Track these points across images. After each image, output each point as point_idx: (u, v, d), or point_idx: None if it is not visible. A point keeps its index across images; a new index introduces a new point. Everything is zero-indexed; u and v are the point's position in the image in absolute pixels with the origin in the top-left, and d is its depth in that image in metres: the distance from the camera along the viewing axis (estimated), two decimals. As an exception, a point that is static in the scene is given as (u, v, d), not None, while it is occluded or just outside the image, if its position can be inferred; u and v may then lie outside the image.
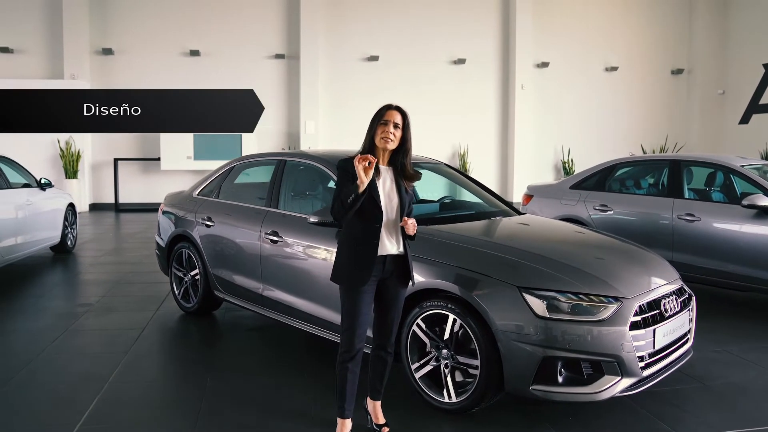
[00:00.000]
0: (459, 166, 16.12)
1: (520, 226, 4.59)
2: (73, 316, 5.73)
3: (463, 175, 5.46)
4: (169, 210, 6.05)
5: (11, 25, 14.40)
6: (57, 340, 5.05)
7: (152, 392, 4.02)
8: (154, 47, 15.08)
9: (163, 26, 15.12)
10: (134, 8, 15.00)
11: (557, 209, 7.30)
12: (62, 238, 8.70)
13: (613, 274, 3.60)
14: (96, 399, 3.83)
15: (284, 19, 15.67)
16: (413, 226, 3.13)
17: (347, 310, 3.12)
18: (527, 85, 16.16)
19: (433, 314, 3.63)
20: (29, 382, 4.16)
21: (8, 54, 14.34)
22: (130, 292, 6.71)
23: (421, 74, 16.07)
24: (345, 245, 3.14)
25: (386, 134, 3.09)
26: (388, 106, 3.18)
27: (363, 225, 3.06)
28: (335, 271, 3.16)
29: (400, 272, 3.21)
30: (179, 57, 15.27)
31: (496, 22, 16.32)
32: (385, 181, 3.15)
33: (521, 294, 3.33)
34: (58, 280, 7.55)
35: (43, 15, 14.56)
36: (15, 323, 5.70)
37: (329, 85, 15.88)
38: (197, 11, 15.25)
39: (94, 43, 14.82)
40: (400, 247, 3.19)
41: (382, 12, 15.92)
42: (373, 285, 3.14)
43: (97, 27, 14.84)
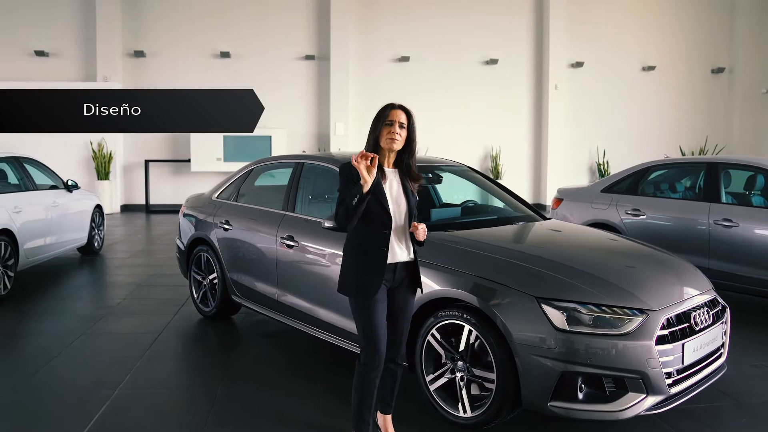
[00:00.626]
0: (491, 168, 15.90)
1: (543, 232, 4.41)
2: (93, 318, 5.72)
3: (488, 178, 5.30)
4: (190, 212, 6.02)
5: (46, 29, 14.66)
6: (73, 343, 5.04)
7: (161, 400, 3.95)
8: (185, 49, 15.20)
9: (194, 28, 15.23)
10: (166, 11, 15.14)
11: (588, 213, 7.07)
12: (89, 240, 8.77)
13: (640, 285, 3.40)
14: (104, 406, 3.78)
15: (314, 21, 15.64)
16: (424, 231, 3.00)
17: (363, 325, 2.98)
18: (561, 86, 15.84)
19: (448, 324, 3.49)
20: (41, 386, 4.14)
21: (43, 57, 14.61)
22: (151, 294, 6.70)
23: (452, 75, 15.89)
24: (352, 254, 3.00)
25: (392, 135, 2.96)
26: (391, 105, 3.05)
27: (371, 232, 2.93)
28: (343, 282, 3.03)
29: (409, 280, 3.09)
30: (210, 59, 15.36)
31: (529, 21, 16.04)
32: (392, 185, 3.02)
33: (539, 305, 3.16)
34: (82, 281, 7.59)
35: (77, 19, 14.79)
36: (36, 325, 5.74)
37: (359, 86, 15.81)
38: (228, 13, 15.33)
39: (126, 46, 15.00)
40: (410, 254, 3.06)
41: (413, 12, 15.78)
42: (385, 294, 3.01)
43: (129, 30, 15.03)
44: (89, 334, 5.26)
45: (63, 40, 14.77)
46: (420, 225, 2.99)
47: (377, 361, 2.96)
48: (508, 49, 15.89)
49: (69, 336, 5.21)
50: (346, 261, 3.03)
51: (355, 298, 2.96)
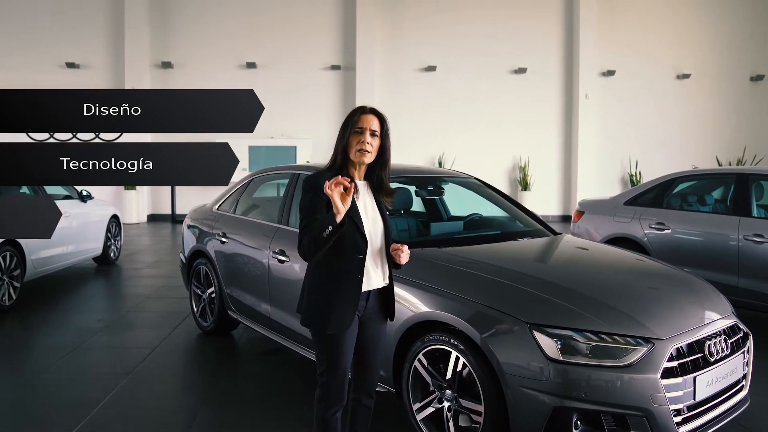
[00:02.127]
0: (519, 179, 15.49)
1: (548, 249, 4.06)
2: (91, 331, 5.56)
3: (496, 191, 4.96)
4: (192, 224, 5.84)
5: (78, 41, 14.83)
6: (64, 357, 4.86)
7: (137, 422, 3.72)
8: (211, 60, 15.20)
9: (221, 39, 15.22)
10: (193, 23, 15.18)
11: (609, 227, 6.67)
12: (104, 250, 8.68)
13: (647, 310, 3.03)
14: (77, 426, 3.57)
15: (340, 31, 15.51)
16: (407, 253, 2.65)
17: (328, 360, 2.60)
18: (592, 95, 15.35)
19: (435, 349, 3.18)
20: (18, 403, 3.98)
21: (74, 69, 14.77)
22: (155, 307, 6.52)
23: (480, 84, 15.56)
24: (320, 282, 2.58)
25: (362, 145, 2.56)
26: (361, 110, 2.64)
27: (343, 258, 2.53)
28: (309, 315, 2.61)
29: (382, 307, 2.74)
30: (236, 69, 15.34)
31: (559, 29, 15.61)
32: (365, 201, 2.65)
33: (531, 332, 2.82)
34: (91, 292, 7.47)
35: (107, 31, 14.92)
36: (33, 337, 5.59)
37: (385, 96, 15.58)
38: (254, 24, 15.29)
39: (154, 57, 15.08)
40: (386, 279, 2.73)
41: (440, 22, 15.52)
42: (356, 325, 2.63)
43: (157, 41, 15.10)
44: (83, 348, 5.09)
45: (93, 52, 14.92)
46: (404, 246, 2.64)
47: (341, 398, 2.64)
48: (537, 57, 15.49)
49: (62, 350, 5.05)
50: (311, 289, 2.62)
51: (324, 332, 2.58)
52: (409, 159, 15.14)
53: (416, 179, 4.85)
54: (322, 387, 2.65)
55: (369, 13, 15.22)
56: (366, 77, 15.31)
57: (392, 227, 3.97)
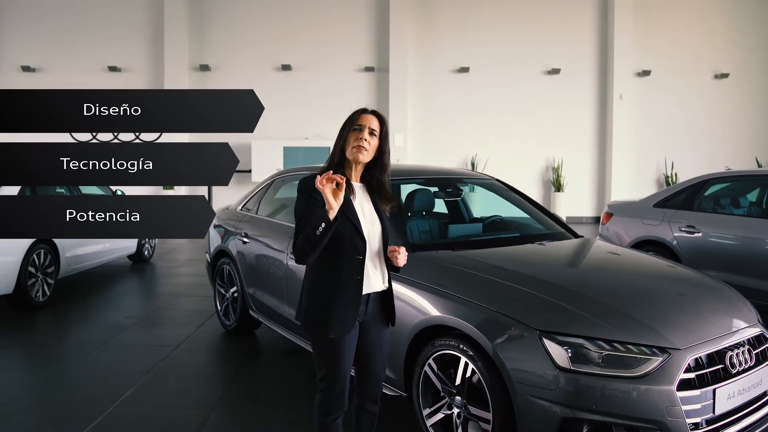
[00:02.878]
0: (552, 180, 15.18)
1: (566, 252, 3.90)
2: (118, 328, 5.60)
3: (517, 192, 4.81)
4: (218, 223, 5.83)
5: (120, 46, 15.09)
6: (91, 353, 4.91)
7: (150, 420, 3.70)
8: (247, 62, 15.28)
9: (257, 42, 15.31)
10: (229, 26, 15.30)
11: (638, 230, 6.44)
12: (138, 249, 8.78)
13: (664, 317, 2.87)
14: (93, 423, 3.57)
15: (374, 33, 15.44)
16: (405, 255, 2.57)
17: (328, 366, 2.52)
18: (627, 95, 14.95)
19: (445, 354, 3.07)
20: (42, 396, 4.03)
21: (116, 72, 15.02)
22: (182, 305, 6.55)
23: (513, 85, 15.30)
24: (319, 285, 2.50)
25: (359, 142, 2.48)
26: (362, 110, 2.57)
27: (342, 259, 2.45)
28: (308, 318, 2.52)
29: (383, 311, 2.65)
30: (271, 71, 15.40)
31: (593, 29, 15.25)
32: (362, 202, 2.57)
33: (540, 339, 2.69)
34: (123, 290, 7.55)
35: (147, 35, 15.15)
36: (62, 334, 5.67)
37: (418, 97, 15.48)
38: (289, 27, 15.33)
39: (192, 60, 15.24)
40: (386, 282, 2.64)
41: (473, 23, 15.31)
42: (356, 330, 2.55)
43: (195, 45, 15.26)
44: (109, 345, 5.12)
45: (134, 56, 15.16)
46: (401, 248, 2.56)
47: (341, 404, 2.56)
48: (571, 58, 15.16)
49: (89, 346, 5.10)
50: (310, 293, 2.53)
51: (324, 337, 2.49)
52: (441, 160, 15.02)
53: (436, 180, 4.75)
54: (322, 393, 2.57)
55: (402, 15, 15.12)
56: (399, 79, 15.21)
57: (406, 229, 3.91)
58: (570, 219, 15.05)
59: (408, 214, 4.43)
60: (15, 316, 5.99)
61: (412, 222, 4.11)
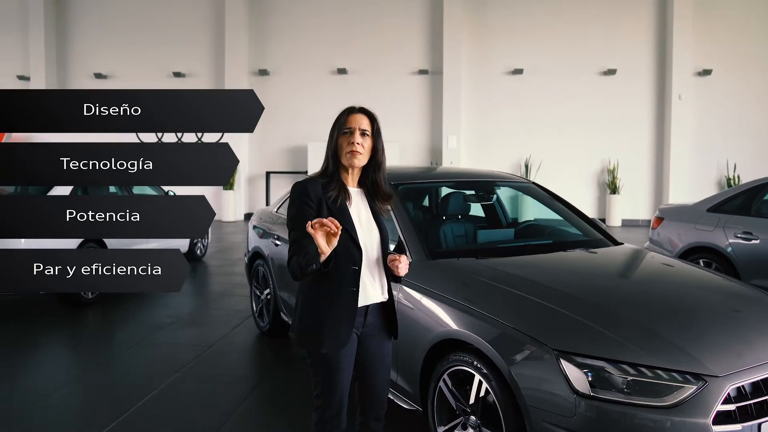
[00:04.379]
0: (608, 182, 14.50)
1: (598, 262, 3.52)
2: (158, 327, 5.54)
3: (554, 196, 4.44)
4: (256, 224, 5.69)
5: (184, 52, 15.39)
6: (126, 351, 4.86)
7: (169, 421, 3.56)
8: (304, 67, 15.29)
9: (314, 47, 15.28)
10: (288, 32, 15.33)
11: (690, 235, 5.93)
12: (191, 247, 8.79)
13: (701, 339, 2.49)
14: (113, 424, 3.46)
15: (428, 36, 15.16)
16: (406, 264, 2.30)
17: (323, 381, 2.29)
18: (686, 95, 14.10)
19: (459, 370, 2.78)
20: (71, 394, 4.00)
21: (181, 78, 15.31)
22: (224, 305, 6.46)
23: (567, 86, 14.70)
24: (313, 297, 2.29)
25: (352, 146, 2.26)
26: (349, 110, 2.33)
27: (336, 270, 2.20)
28: (301, 333, 2.30)
29: (384, 323, 2.40)
30: (327, 75, 15.34)
31: (651, 28, 14.45)
32: (359, 209, 2.34)
33: (557, 360, 2.37)
34: (172, 287, 7.54)
35: (209, 42, 15.37)
36: (106, 330, 5.67)
37: (472, 99, 15.10)
38: (344, 32, 15.24)
39: (252, 65, 15.36)
40: (385, 293, 2.38)
41: (527, 24, 14.80)
42: (354, 343, 2.32)
43: (254, 50, 15.37)
44: (145, 344, 5.05)
45: (197, 62, 15.41)
46: (401, 256, 2.30)
47: (338, 423, 2.32)
48: (628, 58, 14.42)
49: (127, 344, 5.06)
50: (303, 305, 2.32)
51: (317, 352, 2.26)
52: (495, 162, 14.60)
53: (470, 183, 4.45)
54: (318, 410, 2.33)
55: (456, 18, 14.77)
56: (453, 81, 14.87)
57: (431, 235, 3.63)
58: (626, 222, 14.36)
59: (443, 218, 4.17)
60: (64, 312, 6.03)
61: (437, 227, 3.83)
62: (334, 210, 2.26)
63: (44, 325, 5.64)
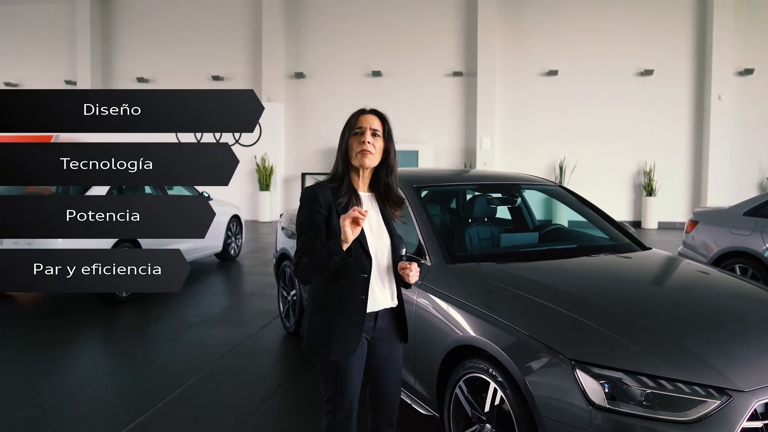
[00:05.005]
0: (644, 183, 14.10)
1: (623, 268, 3.37)
2: (187, 326, 5.58)
3: (581, 199, 4.30)
4: (284, 225, 5.69)
5: (223, 56, 15.60)
6: (154, 350, 4.91)
7: (188, 422, 3.55)
8: (339, 69, 15.32)
9: (349, 50, 15.30)
10: (323, 35, 15.39)
11: (726, 240, 5.70)
12: (225, 247, 8.86)
13: (728, 352, 2.34)
14: (134, 423, 3.47)
15: (462, 38, 15.01)
16: (416, 272, 2.23)
17: (333, 387, 2.24)
18: (726, 96, 13.62)
19: (474, 378, 2.69)
20: (96, 391, 4.04)
21: (220, 81, 15.51)
22: (254, 305, 6.47)
23: (603, 87, 14.35)
24: (321, 304, 2.24)
25: (363, 146, 2.19)
26: (360, 111, 2.28)
27: (345, 277, 2.17)
28: (310, 338, 2.25)
29: (395, 326, 2.34)
30: (362, 78, 15.34)
31: (690, 26, 14.00)
32: (370, 215, 2.25)
33: (573, 370, 2.26)
34: (203, 287, 7.58)
35: (247, 46, 15.55)
36: (137, 328, 5.73)
37: (506, 101, 14.89)
38: (379, 34, 15.22)
39: (288, 68, 15.46)
40: (395, 299, 2.31)
41: (562, 25, 14.51)
42: (364, 348, 2.26)
43: (291, 54, 15.47)
44: (174, 343, 5.09)
45: (235, 65, 15.61)
46: (412, 264, 2.23)
47: (347, 429, 2.26)
48: (665, 58, 14.00)
49: (156, 342, 5.12)
50: (313, 311, 2.27)
51: (326, 358, 2.21)
52: (529, 163, 14.37)
53: (493, 186, 4.34)
54: (328, 416, 2.28)
55: (490, 20, 14.58)
56: (487, 83, 14.69)
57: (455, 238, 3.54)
58: (662, 224, 13.95)
59: (466, 221, 4.08)
60: (100, 310, 6.12)
61: (459, 231, 3.74)
62: None
63: (79, 322, 5.74)
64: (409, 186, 3.66)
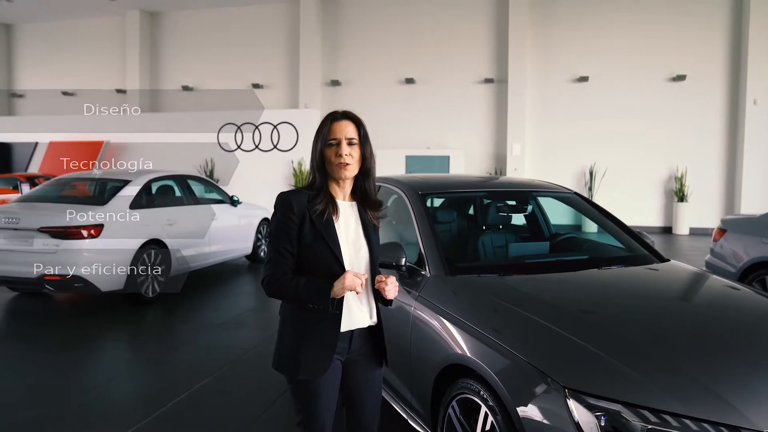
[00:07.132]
0: (675, 189, 13.45)
1: (634, 283, 3.00)
2: (208, 327, 5.44)
3: (596, 207, 3.95)
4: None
5: (262, 65, 15.62)
6: (173, 350, 4.81)
7: (193, 424, 3.39)
8: (374, 77, 15.14)
9: (383, 58, 15.11)
10: (358, 44, 15.24)
11: (755, 249, 5.22)
12: (254, 249, 8.74)
13: (745, 384, 1.99)
14: (137, 425, 3.31)
15: (493, 45, 14.63)
16: (395, 287, 1.98)
17: (304, 408, 2.03)
18: (762, 100, 12.86)
19: (467, 399, 2.41)
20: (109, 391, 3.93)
21: (259, 89, 15.49)
22: (273, 308, 6.27)
23: (634, 93, 13.76)
24: (293, 319, 2.01)
25: (341, 159, 1.94)
26: (332, 117, 2.01)
27: None
28: (280, 356, 2.04)
29: (372, 348, 2.08)
30: (396, 85, 15.12)
31: (724, 30, 13.28)
32: (348, 225, 2.02)
33: (566, 400, 1.96)
34: (228, 289, 7.43)
35: (285, 55, 15.52)
36: (160, 328, 5.66)
37: (536, 107, 14.44)
38: (412, 42, 14.98)
39: (325, 76, 15.36)
40: (374, 317, 2.06)
41: (593, 31, 13.98)
42: (338, 370, 2.03)
43: (327, 62, 15.36)
44: (191, 344, 4.96)
45: (274, 74, 15.59)
46: (389, 278, 1.97)
47: None
48: (698, 63, 13.32)
49: (174, 342, 5.04)
50: (283, 327, 2.05)
51: (296, 377, 1.99)
52: (560, 170, 13.91)
53: (503, 194, 4.03)
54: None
55: (521, 27, 14.16)
56: (518, 89, 14.28)
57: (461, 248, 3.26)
58: (694, 230, 13.27)
59: (475, 230, 3.79)
60: (127, 310, 6.03)
61: (464, 241, 3.45)
62: (319, 225, 1.96)
63: (104, 322, 5.66)
64: (414, 193, 3.40)
